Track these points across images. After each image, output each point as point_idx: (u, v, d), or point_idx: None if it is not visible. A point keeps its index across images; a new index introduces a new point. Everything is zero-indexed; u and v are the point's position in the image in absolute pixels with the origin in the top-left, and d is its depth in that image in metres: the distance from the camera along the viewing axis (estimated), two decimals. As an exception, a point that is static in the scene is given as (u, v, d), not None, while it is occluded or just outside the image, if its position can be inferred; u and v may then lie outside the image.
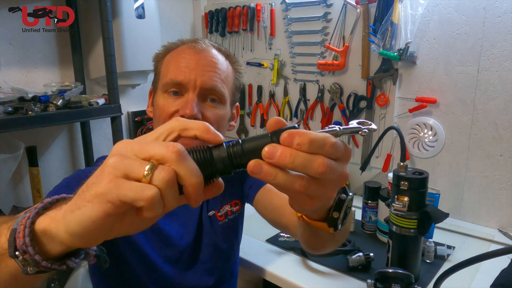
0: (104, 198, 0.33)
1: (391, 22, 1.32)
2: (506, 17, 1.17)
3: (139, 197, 0.33)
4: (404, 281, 0.83)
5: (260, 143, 0.35)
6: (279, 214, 0.83)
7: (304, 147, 0.34)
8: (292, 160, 0.34)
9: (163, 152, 0.34)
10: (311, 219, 0.50)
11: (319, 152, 0.35)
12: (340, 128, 0.38)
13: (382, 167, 1.49)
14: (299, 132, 0.35)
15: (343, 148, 0.37)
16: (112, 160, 0.34)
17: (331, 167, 0.35)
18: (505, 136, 1.23)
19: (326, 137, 0.36)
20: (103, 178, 0.34)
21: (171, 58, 0.81)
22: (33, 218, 0.39)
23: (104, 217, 0.34)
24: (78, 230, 0.35)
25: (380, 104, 1.46)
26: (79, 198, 0.36)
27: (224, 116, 0.82)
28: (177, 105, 0.77)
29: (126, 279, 0.84)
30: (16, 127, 1.13)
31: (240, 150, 0.36)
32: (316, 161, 0.35)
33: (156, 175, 0.33)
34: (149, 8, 1.55)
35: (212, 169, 0.36)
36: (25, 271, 0.39)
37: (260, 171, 0.35)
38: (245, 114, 1.91)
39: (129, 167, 0.34)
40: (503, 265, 0.96)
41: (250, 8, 1.73)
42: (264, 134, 0.36)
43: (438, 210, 0.91)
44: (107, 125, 1.50)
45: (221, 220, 0.94)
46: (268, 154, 0.34)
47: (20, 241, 0.38)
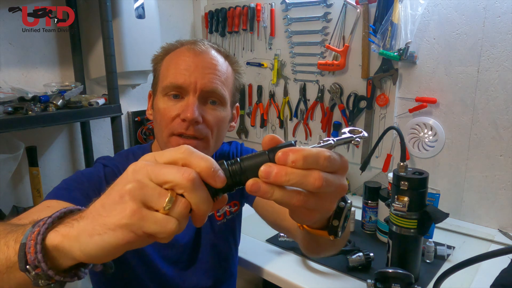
0: (128, 229, 0.35)
1: (391, 22, 1.32)
2: (506, 17, 1.17)
3: (163, 230, 0.34)
4: (404, 281, 0.83)
5: (258, 161, 0.37)
6: (280, 217, 0.83)
7: (299, 164, 0.35)
8: (287, 178, 0.35)
9: (178, 178, 0.35)
10: (312, 228, 0.51)
11: (314, 167, 0.36)
12: (334, 141, 0.39)
13: (382, 167, 1.49)
14: (292, 150, 0.36)
15: (339, 160, 0.38)
16: (131, 186, 0.35)
17: (327, 181, 0.36)
18: (505, 136, 1.23)
19: (320, 151, 0.36)
20: (125, 207, 0.35)
21: (170, 60, 0.80)
22: (43, 235, 0.39)
23: (126, 244, 0.35)
24: (95, 253, 0.36)
25: (380, 104, 1.46)
26: (97, 223, 0.36)
27: (224, 118, 0.82)
28: (178, 109, 0.76)
29: (126, 279, 0.85)
30: (16, 127, 1.13)
31: (239, 168, 0.37)
32: (311, 176, 0.36)
33: (176, 208, 0.35)
34: (149, 8, 1.55)
35: (214, 190, 0.37)
36: (36, 284, 0.39)
37: (258, 190, 0.36)
38: (245, 114, 1.91)
39: (149, 197, 0.35)
40: (503, 265, 0.96)
41: (250, 8, 1.73)
42: (261, 152, 0.38)
43: (438, 210, 0.91)
44: (107, 125, 1.50)
45: (219, 220, 0.94)
46: (264, 174, 0.36)
47: (32, 257, 0.38)
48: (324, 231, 0.49)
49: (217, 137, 0.81)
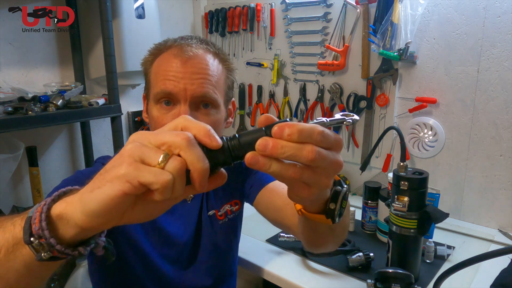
0: (124, 179, 0.37)
1: (391, 22, 1.32)
2: (506, 17, 1.17)
3: (156, 180, 0.36)
4: (404, 281, 0.83)
5: (255, 137, 0.39)
6: (281, 214, 0.83)
7: (294, 137, 0.37)
8: (283, 151, 0.37)
9: (175, 139, 0.37)
10: (310, 212, 0.52)
11: (308, 141, 0.38)
12: (327, 120, 0.41)
13: (382, 167, 1.49)
14: (288, 124, 0.38)
15: (333, 136, 0.39)
16: (130, 146, 0.38)
17: (320, 154, 0.38)
18: (505, 136, 1.23)
19: (314, 126, 0.38)
20: (123, 161, 0.37)
21: (158, 66, 0.79)
22: (49, 205, 0.42)
23: (122, 195, 0.37)
24: (95, 208, 0.38)
25: (380, 104, 1.46)
26: (98, 179, 0.39)
27: (218, 120, 0.81)
28: (171, 117, 0.76)
29: (125, 278, 0.85)
30: (16, 127, 1.13)
31: (237, 143, 0.40)
32: (305, 149, 0.37)
33: (170, 163, 0.37)
34: (149, 8, 1.55)
35: (214, 161, 0.40)
36: (39, 257, 0.41)
37: (257, 162, 0.38)
38: (245, 114, 1.92)
39: (146, 153, 0.37)
40: (503, 265, 0.96)
41: (250, 8, 1.73)
42: (258, 128, 0.40)
43: (438, 210, 0.91)
44: (107, 125, 1.50)
45: (221, 220, 0.94)
46: (261, 147, 0.37)
47: (36, 226, 0.40)
48: (322, 215, 0.51)
49: None
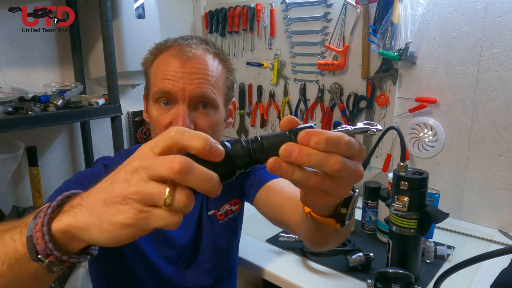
0: (135, 228, 0.37)
1: (391, 22, 1.32)
2: (506, 17, 1.17)
3: (168, 224, 0.36)
4: (404, 281, 0.83)
5: (279, 140, 0.37)
6: (281, 213, 0.83)
7: (321, 146, 0.36)
8: (308, 158, 0.36)
9: (169, 173, 0.35)
10: (319, 215, 0.51)
11: (335, 151, 0.37)
12: (352, 128, 0.40)
13: (382, 167, 1.49)
14: (315, 132, 0.37)
15: (357, 146, 0.39)
16: (132, 190, 0.36)
17: (345, 165, 0.37)
18: (505, 136, 1.23)
19: (341, 135, 0.37)
20: (129, 209, 0.36)
21: (158, 66, 0.79)
22: (48, 225, 0.40)
23: (136, 237, 0.38)
24: (107, 244, 0.38)
25: (380, 104, 1.46)
26: (104, 220, 0.37)
27: (217, 121, 0.81)
28: (169, 117, 0.76)
29: (125, 279, 0.84)
30: (16, 127, 1.13)
31: (259, 146, 0.38)
32: (331, 159, 0.36)
33: (176, 201, 0.35)
34: (149, 8, 1.55)
35: (233, 165, 0.38)
36: (51, 270, 0.41)
37: (279, 169, 0.37)
38: (245, 114, 1.91)
39: (150, 197, 0.36)
40: (503, 265, 0.96)
41: (250, 8, 1.73)
42: (282, 132, 0.38)
43: (438, 210, 0.91)
44: (107, 125, 1.50)
45: (221, 220, 0.94)
46: (286, 153, 0.36)
47: (42, 247, 0.40)
48: (331, 219, 0.50)
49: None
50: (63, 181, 0.79)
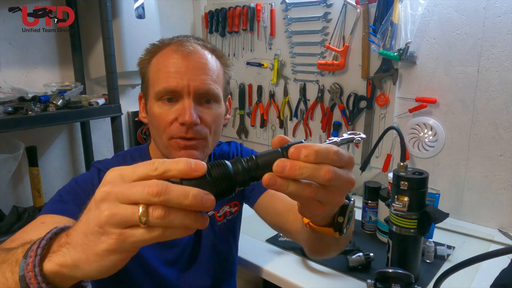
0: (120, 251, 0.37)
1: (391, 22, 1.32)
2: (506, 17, 1.17)
3: (151, 239, 0.36)
4: (404, 281, 0.83)
5: (272, 157, 0.40)
6: (282, 219, 0.83)
7: (311, 158, 0.38)
8: (301, 172, 0.38)
9: (144, 196, 0.35)
10: (318, 226, 0.53)
11: (325, 161, 0.39)
12: (339, 140, 0.43)
13: (382, 167, 1.49)
14: (304, 145, 0.38)
15: (346, 155, 0.40)
16: (106, 216, 0.36)
17: (336, 174, 0.39)
18: (505, 136, 1.23)
19: (329, 147, 0.39)
20: (108, 235, 0.36)
21: (158, 63, 0.78)
22: (39, 266, 0.40)
23: (126, 260, 0.38)
24: (99, 275, 0.39)
25: (380, 104, 1.46)
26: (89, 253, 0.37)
27: (220, 115, 0.82)
28: (174, 112, 0.76)
29: (124, 282, 0.84)
30: (16, 127, 1.13)
31: (254, 164, 0.40)
32: (322, 169, 0.38)
33: (152, 217, 0.35)
34: (149, 8, 1.55)
35: (232, 182, 0.39)
36: None
37: (274, 184, 0.38)
38: (245, 114, 1.92)
39: (125, 219, 0.36)
40: (503, 265, 0.96)
41: (250, 8, 1.73)
42: (274, 149, 0.41)
43: (438, 210, 0.91)
44: (107, 125, 1.50)
45: (220, 221, 0.94)
46: (279, 169, 0.38)
47: (35, 287, 0.39)
48: (330, 228, 0.52)
49: (215, 133, 0.82)
50: (63, 181, 0.79)
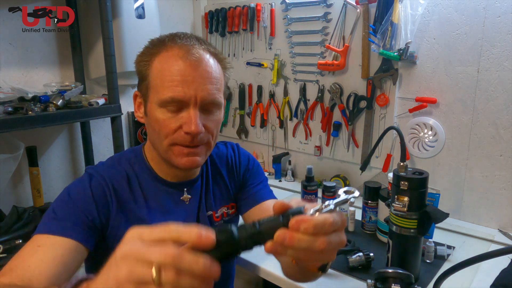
0: None
1: (391, 22, 1.32)
2: (506, 17, 1.17)
3: None
4: (404, 281, 0.83)
5: (273, 226, 0.44)
6: None
7: (309, 231, 0.43)
8: (299, 244, 0.43)
9: (160, 259, 0.38)
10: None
11: (321, 233, 0.43)
12: (333, 205, 0.46)
13: (382, 167, 1.49)
14: (304, 220, 0.43)
15: (339, 221, 0.45)
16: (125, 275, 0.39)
17: (330, 242, 0.44)
18: (505, 136, 1.23)
19: (325, 219, 0.44)
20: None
21: (162, 68, 0.76)
22: None
23: None
24: None
25: (380, 104, 1.46)
26: None
27: (221, 119, 0.84)
28: (179, 120, 0.75)
29: None
30: (16, 127, 1.13)
31: (257, 231, 0.44)
32: (318, 241, 0.43)
33: (165, 279, 0.38)
34: (149, 8, 1.55)
35: (237, 247, 0.44)
36: None
37: (275, 251, 0.44)
38: (245, 114, 1.92)
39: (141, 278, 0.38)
40: (503, 265, 0.96)
41: (250, 8, 1.73)
42: (275, 217, 0.45)
43: (438, 210, 0.91)
44: (107, 125, 1.50)
45: (217, 222, 0.94)
46: (279, 239, 0.43)
47: None
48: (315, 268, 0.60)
49: (216, 136, 0.84)
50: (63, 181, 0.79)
